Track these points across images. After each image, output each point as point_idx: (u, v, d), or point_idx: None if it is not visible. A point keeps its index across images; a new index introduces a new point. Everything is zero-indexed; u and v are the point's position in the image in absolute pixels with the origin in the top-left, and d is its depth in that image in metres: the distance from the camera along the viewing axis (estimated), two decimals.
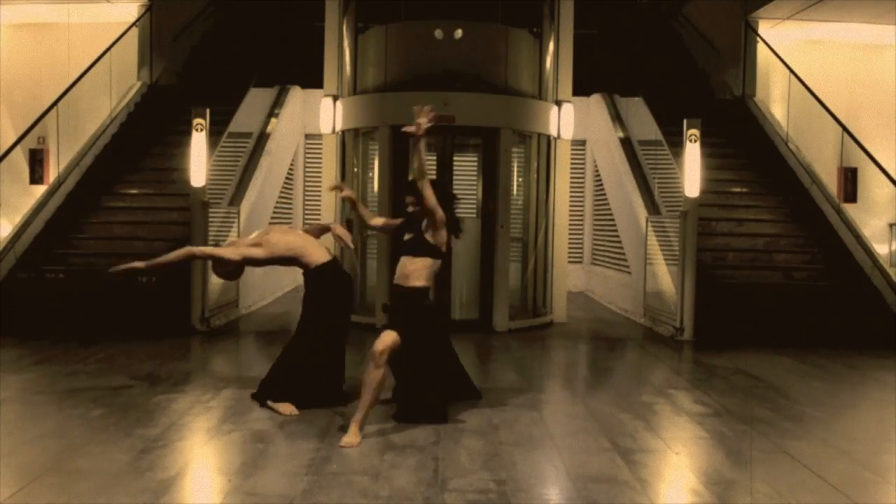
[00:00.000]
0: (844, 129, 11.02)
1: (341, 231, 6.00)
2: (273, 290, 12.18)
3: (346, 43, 10.07)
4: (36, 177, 11.95)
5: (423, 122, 5.00)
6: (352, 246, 6.21)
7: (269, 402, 5.52)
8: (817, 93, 11.47)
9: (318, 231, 6.07)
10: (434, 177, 5.57)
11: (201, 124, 8.83)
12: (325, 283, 5.60)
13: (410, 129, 5.03)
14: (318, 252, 5.65)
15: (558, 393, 6.58)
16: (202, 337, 8.53)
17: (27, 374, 6.55)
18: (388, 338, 5.01)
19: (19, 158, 11.63)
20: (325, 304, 5.62)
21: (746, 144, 11.95)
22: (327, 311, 5.63)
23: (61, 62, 12.00)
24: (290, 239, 5.66)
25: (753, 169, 11.56)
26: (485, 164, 9.60)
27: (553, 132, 9.91)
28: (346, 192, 6.06)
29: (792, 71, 11.94)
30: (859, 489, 4.18)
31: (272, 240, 5.60)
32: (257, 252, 5.55)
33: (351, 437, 4.76)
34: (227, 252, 5.60)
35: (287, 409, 5.41)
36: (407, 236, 5.38)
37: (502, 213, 9.26)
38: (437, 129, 9.24)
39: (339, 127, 9.94)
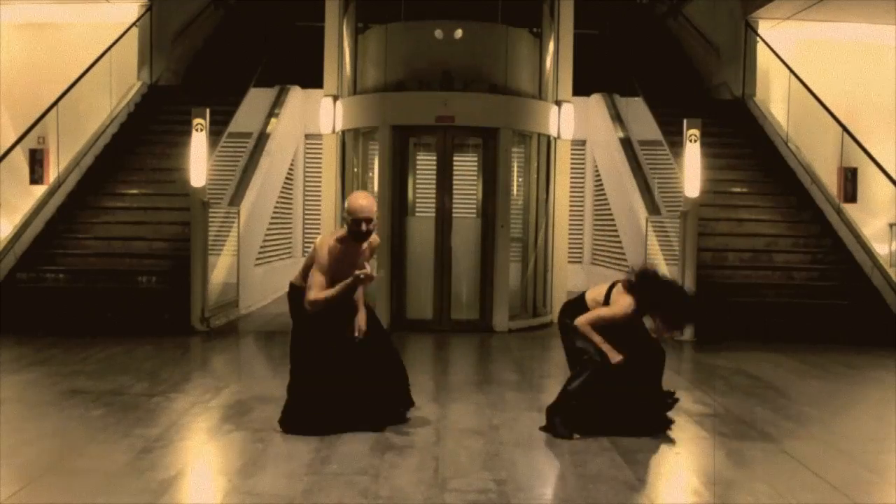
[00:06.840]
0: (844, 129, 11.01)
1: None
2: (274, 289, 12.17)
3: (346, 43, 10.07)
4: (36, 177, 11.93)
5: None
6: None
7: None
8: (817, 93, 11.45)
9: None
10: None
11: (201, 124, 8.83)
12: None
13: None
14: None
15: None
16: (202, 337, 8.53)
17: (27, 374, 6.55)
18: None
19: (19, 158, 11.61)
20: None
21: (746, 144, 11.94)
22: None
23: (61, 62, 11.97)
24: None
25: (753, 169, 11.54)
26: (485, 164, 9.60)
27: (553, 132, 9.91)
28: None
29: (792, 71, 11.93)
30: (859, 489, 4.18)
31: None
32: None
33: None
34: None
35: None
36: None
37: (502, 213, 9.25)
38: (437, 129, 9.40)
39: (339, 127, 9.94)
